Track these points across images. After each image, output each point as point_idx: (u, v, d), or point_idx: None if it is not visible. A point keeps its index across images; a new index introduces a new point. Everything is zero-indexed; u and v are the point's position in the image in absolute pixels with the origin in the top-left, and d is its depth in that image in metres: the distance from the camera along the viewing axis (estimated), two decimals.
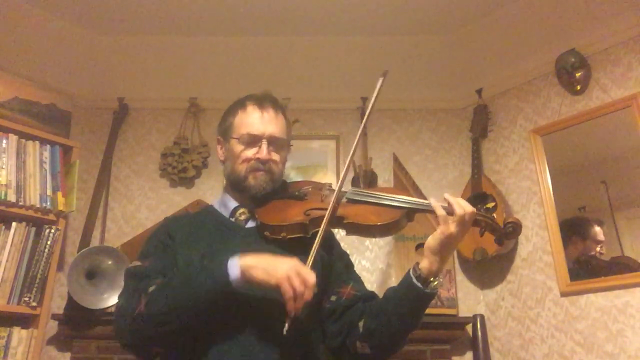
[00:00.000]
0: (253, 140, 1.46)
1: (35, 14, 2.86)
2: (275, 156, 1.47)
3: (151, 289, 1.23)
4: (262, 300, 1.23)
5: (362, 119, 3.11)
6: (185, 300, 1.19)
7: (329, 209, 1.35)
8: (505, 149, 2.96)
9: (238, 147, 1.46)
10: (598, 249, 2.51)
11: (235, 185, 1.48)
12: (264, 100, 1.51)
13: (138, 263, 1.35)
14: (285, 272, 1.16)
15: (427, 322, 2.53)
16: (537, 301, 2.64)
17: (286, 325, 1.16)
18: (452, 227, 1.27)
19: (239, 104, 1.52)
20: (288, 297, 1.14)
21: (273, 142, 1.47)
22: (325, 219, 1.33)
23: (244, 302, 1.23)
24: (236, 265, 1.19)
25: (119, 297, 1.32)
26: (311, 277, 1.16)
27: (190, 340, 1.24)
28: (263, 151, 1.45)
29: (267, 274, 1.17)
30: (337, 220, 1.38)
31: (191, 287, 1.20)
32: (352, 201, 1.42)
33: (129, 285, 1.31)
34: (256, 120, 1.47)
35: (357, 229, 1.37)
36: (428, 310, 1.33)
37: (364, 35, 3.07)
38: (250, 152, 1.45)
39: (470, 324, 2.73)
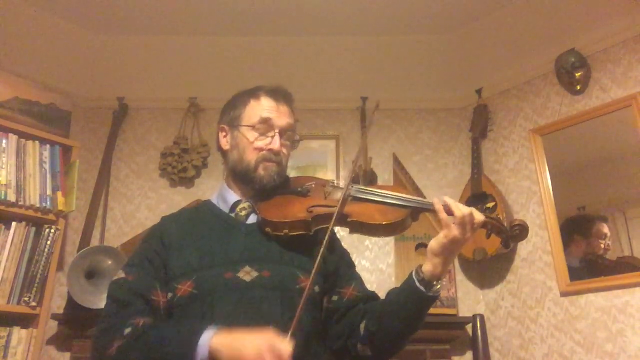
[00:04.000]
0: (267, 131, 1.42)
1: (35, 14, 2.85)
2: (286, 150, 1.45)
3: (127, 331, 1.20)
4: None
5: (362, 122, 3.13)
6: None
7: (337, 209, 1.31)
8: (505, 149, 2.96)
9: (250, 136, 1.42)
10: (602, 245, 2.50)
11: (241, 176, 1.44)
12: (278, 93, 1.49)
13: (123, 275, 1.33)
14: (256, 354, 1.06)
15: (427, 322, 2.51)
16: (537, 301, 2.63)
17: None
18: (455, 231, 1.25)
19: (251, 94, 1.49)
20: None
21: (285, 134, 1.45)
22: (332, 219, 1.29)
23: None
24: (206, 347, 1.11)
25: (100, 321, 1.28)
26: (286, 350, 1.07)
27: None
28: (276, 142, 1.41)
29: (234, 358, 1.09)
30: (341, 219, 1.34)
31: (160, 354, 1.16)
32: (356, 199, 1.39)
33: (109, 310, 1.29)
34: (271, 111, 1.44)
35: (362, 228, 1.35)
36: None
37: (364, 35, 3.07)
38: (262, 142, 1.42)
39: (470, 324, 2.73)
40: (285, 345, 1.08)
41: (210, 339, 1.13)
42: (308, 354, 1.28)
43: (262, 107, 1.45)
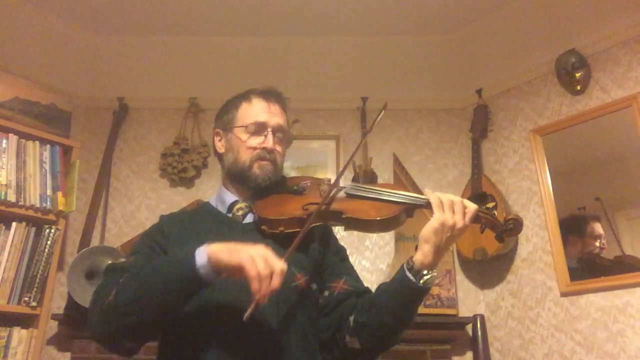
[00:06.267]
0: (259, 130, 1.45)
1: (35, 14, 2.86)
2: (279, 148, 1.48)
3: (121, 280, 1.22)
4: (232, 292, 1.21)
5: (362, 122, 3.13)
6: (152, 288, 1.17)
7: (323, 199, 1.34)
8: (505, 149, 2.96)
9: (243, 136, 1.45)
10: (598, 244, 2.50)
11: (237, 176, 1.46)
12: (268, 94, 1.52)
13: (123, 260, 1.35)
14: (250, 254, 1.13)
15: (427, 322, 2.58)
16: (537, 301, 2.63)
17: (249, 310, 1.12)
18: (446, 214, 1.26)
19: (243, 97, 1.52)
20: (251, 276, 1.11)
21: (278, 133, 1.47)
22: (315, 210, 1.31)
23: (215, 298, 1.22)
24: (203, 252, 1.16)
25: (95, 290, 1.29)
26: (279, 264, 1.13)
27: (168, 339, 1.25)
28: (269, 141, 1.44)
29: (230, 256, 1.14)
30: (335, 215, 1.36)
31: (159, 275, 1.18)
32: (351, 196, 1.40)
33: (105, 279, 1.30)
34: (263, 111, 1.47)
35: (356, 224, 1.36)
36: (428, 310, 1.31)
37: (364, 35, 3.07)
38: (255, 142, 1.44)
39: (470, 324, 2.73)
40: (280, 261, 1.14)
41: (207, 245, 1.18)
42: (305, 352, 1.28)
43: (254, 108, 1.48)
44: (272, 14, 2.90)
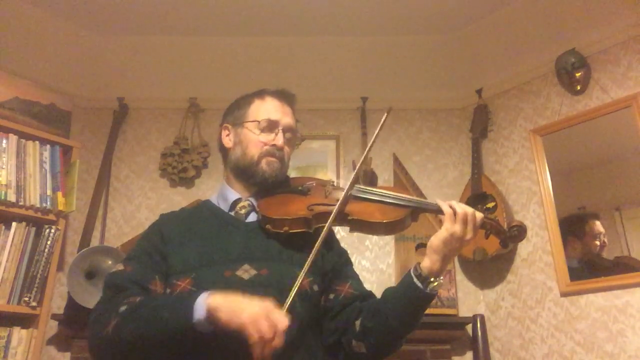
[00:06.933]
0: (271, 127, 1.46)
1: (35, 14, 2.86)
2: (287, 147, 1.49)
3: (122, 309, 1.19)
4: (230, 342, 1.14)
5: (362, 122, 3.13)
6: (149, 333, 1.15)
7: (337, 205, 1.33)
8: (505, 149, 2.96)
9: (254, 131, 1.46)
10: (598, 242, 2.51)
11: (243, 170, 1.46)
12: (281, 94, 1.54)
13: (121, 267, 1.32)
14: (252, 315, 1.06)
15: (427, 322, 2.53)
16: (537, 301, 2.64)
17: None
18: (456, 226, 1.28)
19: (256, 95, 1.53)
20: (252, 341, 1.05)
21: (287, 133, 1.49)
22: (332, 215, 1.31)
23: (212, 342, 1.17)
24: (202, 305, 1.11)
25: (95, 307, 1.27)
26: (282, 321, 1.06)
27: None
28: (280, 139, 1.45)
29: (231, 316, 1.08)
30: (341, 217, 1.36)
31: (156, 321, 1.15)
32: (357, 198, 1.41)
33: (105, 296, 1.28)
34: (276, 109, 1.49)
35: (362, 226, 1.36)
36: (428, 310, 1.31)
37: (364, 35, 3.07)
38: (265, 138, 1.46)
39: (470, 324, 2.73)
40: (282, 316, 1.08)
41: (207, 298, 1.12)
42: (307, 352, 1.28)
43: (267, 106, 1.49)
44: (272, 14, 2.90)
